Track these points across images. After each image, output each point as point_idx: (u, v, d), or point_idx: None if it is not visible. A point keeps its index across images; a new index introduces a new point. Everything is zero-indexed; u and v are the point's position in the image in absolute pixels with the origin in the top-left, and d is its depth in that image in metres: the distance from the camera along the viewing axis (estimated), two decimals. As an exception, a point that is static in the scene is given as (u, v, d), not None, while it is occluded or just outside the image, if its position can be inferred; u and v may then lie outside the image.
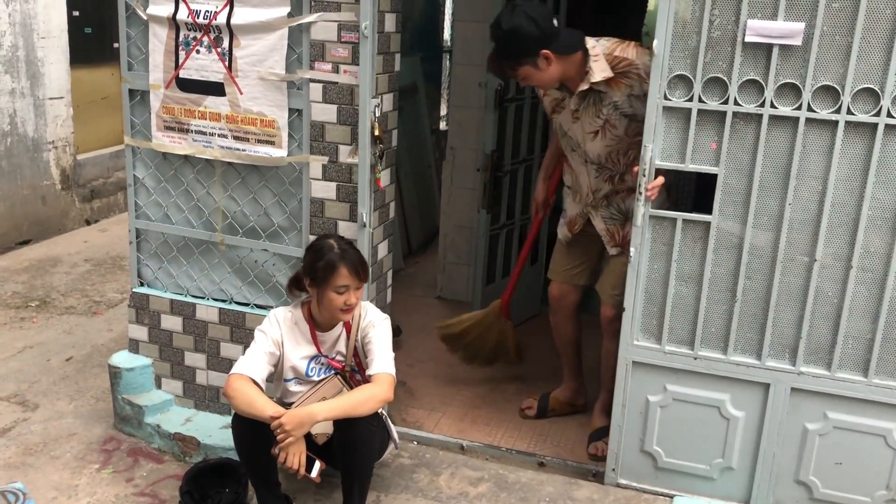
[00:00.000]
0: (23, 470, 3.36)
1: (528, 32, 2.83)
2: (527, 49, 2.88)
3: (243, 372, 2.67)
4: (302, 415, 2.53)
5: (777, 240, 2.71)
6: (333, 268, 2.67)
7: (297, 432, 2.50)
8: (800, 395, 2.80)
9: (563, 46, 2.91)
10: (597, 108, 3.05)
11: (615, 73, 2.95)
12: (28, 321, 4.86)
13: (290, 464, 2.51)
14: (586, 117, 3.09)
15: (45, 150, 6.31)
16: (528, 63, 2.91)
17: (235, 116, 3.21)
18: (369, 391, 2.66)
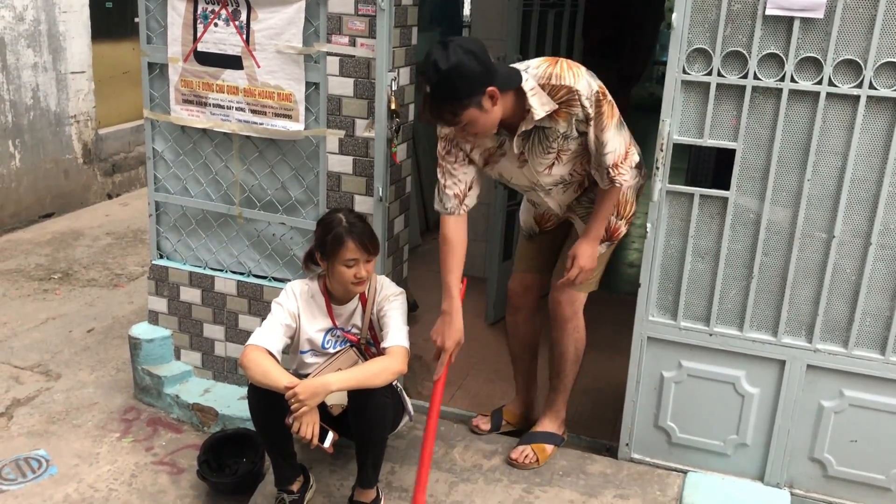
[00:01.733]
0: (46, 437, 3.43)
1: (471, 68, 2.41)
2: (471, 88, 2.43)
3: (259, 343, 2.70)
4: (316, 385, 2.56)
5: (795, 216, 2.68)
6: (341, 241, 2.69)
7: (310, 402, 2.53)
8: (816, 373, 2.78)
9: (505, 81, 2.52)
10: (544, 145, 2.68)
11: (557, 104, 2.57)
12: (51, 293, 4.93)
13: (304, 434, 2.53)
14: (535, 156, 2.72)
15: (67, 124, 6.36)
16: (472, 105, 2.45)
17: (253, 90, 3.22)
18: (383, 363, 2.68)
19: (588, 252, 2.81)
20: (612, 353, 3.66)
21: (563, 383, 3.08)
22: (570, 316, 2.97)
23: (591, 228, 2.81)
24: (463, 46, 2.42)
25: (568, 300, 2.96)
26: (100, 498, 3.06)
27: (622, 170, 2.67)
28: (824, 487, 2.88)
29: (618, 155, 2.65)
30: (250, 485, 3.00)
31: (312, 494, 2.92)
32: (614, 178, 2.67)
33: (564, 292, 2.95)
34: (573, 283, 2.84)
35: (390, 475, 2.98)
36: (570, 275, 2.82)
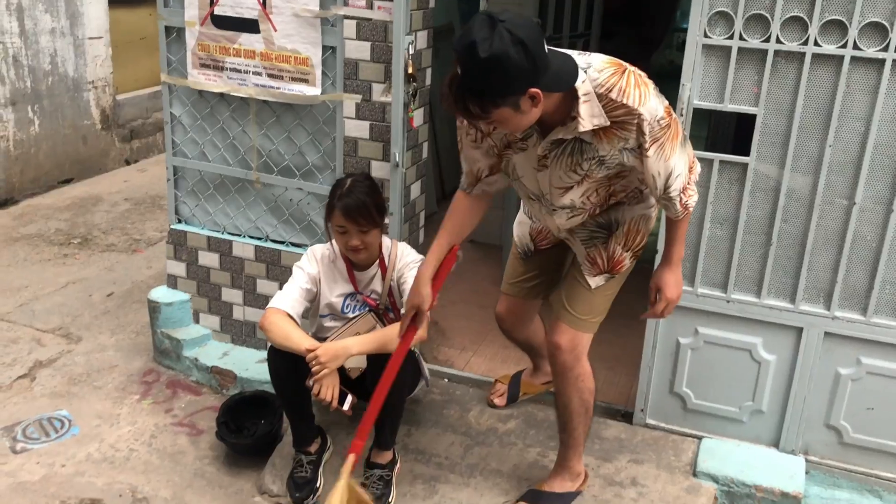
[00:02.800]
0: (67, 399, 3.48)
1: (517, 63, 1.91)
2: (511, 86, 1.97)
3: (279, 306, 2.73)
4: (336, 348, 2.58)
5: (816, 182, 2.66)
6: (331, 209, 2.74)
7: (331, 364, 2.56)
8: (833, 340, 2.77)
9: (554, 81, 2.04)
10: (574, 161, 2.25)
11: (610, 121, 2.13)
12: (70, 257, 4.98)
13: (323, 396, 2.56)
14: (558, 168, 2.29)
15: (85, 90, 6.37)
16: (507, 104, 2.00)
17: (269, 54, 3.20)
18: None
19: (673, 280, 2.46)
20: (629, 319, 3.64)
21: (573, 438, 2.69)
22: (571, 364, 2.56)
23: (672, 252, 2.45)
24: (513, 33, 1.89)
25: (569, 345, 2.54)
26: (121, 457, 3.12)
27: (690, 191, 2.31)
28: (840, 454, 2.88)
29: (686, 177, 2.28)
30: (268, 446, 3.04)
31: (330, 456, 2.96)
32: (687, 203, 2.31)
33: (563, 335, 2.54)
34: (661, 316, 2.53)
35: (406, 437, 3.01)
36: (657, 309, 2.49)
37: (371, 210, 2.71)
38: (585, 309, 2.53)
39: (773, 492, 2.75)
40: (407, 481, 2.84)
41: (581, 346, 2.57)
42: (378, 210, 2.75)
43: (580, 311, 2.53)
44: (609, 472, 2.86)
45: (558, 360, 2.57)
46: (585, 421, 2.67)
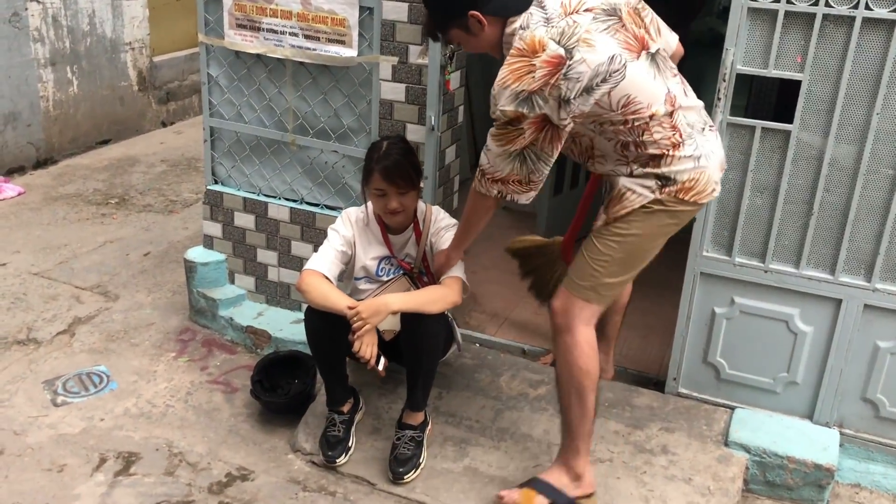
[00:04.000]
0: (105, 355, 3.55)
1: None
2: (449, 8, 2.28)
3: (315, 268, 2.75)
4: (378, 303, 2.61)
5: (861, 151, 2.60)
6: (370, 172, 2.73)
7: (372, 320, 2.58)
8: (873, 312, 2.73)
9: (500, 7, 2.24)
10: None
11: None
12: (108, 217, 5.05)
13: (363, 353, 2.59)
14: None
15: (122, 51, 6.41)
16: (456, 25, 2.29)
17: (306, 15, 3.19)
18: (441, 292, 2.72)
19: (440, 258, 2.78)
20: (663, 289, 3.62)
21: (568, 422, 2.53)
22: (561, 328, 2.46)
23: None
24: None
25: (560, 307, 2.47)
26: (157, 413, 3.18)
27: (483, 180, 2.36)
28: (875, 428, 2.85)
29: (494, 173, 2.32)
30: (302, 405, 3.08)
31: (362, 416, 2.99)
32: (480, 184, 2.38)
33: (558, 297, 2.49)
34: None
35: (437, 400, 3.03)
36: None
37: (409, 171, 2.72)
38: (577, 272, 2.46)
39: (806, 464, 2.73)
40: (438, 443, 2.87)
41: (573, 312, 2.44)
42: (415, 171, 2.76)
43: (573, 274, 2.48)
44: (640, 439, 2.86)
45: (551, 323, 2.51)
46: (579, 408, 2.48)
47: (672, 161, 2.29)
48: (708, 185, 2.34)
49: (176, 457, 2.94)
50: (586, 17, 2.18)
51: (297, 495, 2.75)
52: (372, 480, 2.76)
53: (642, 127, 2.25)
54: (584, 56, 2.13)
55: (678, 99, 2.29)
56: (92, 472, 2.84)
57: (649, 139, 2.27)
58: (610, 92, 2.18)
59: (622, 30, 2.22)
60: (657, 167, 2.30)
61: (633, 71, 2.19)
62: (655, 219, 2.35)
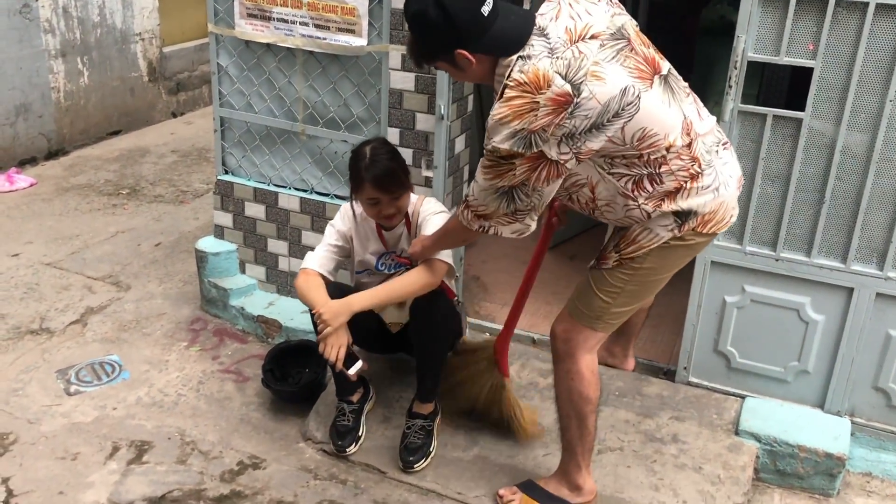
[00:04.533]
0: (118, 344, 3.58)
1: (435, 24, 2.00)
2: (435, 45, 2.07)
3: (310, 266, 2.76)
4: (339, 305, 2.57)
5: (874, 139, 2.58)
6: (359, 182, 2.64)
7: (333, 322, 2.54)
8: (885, 301, 2.72)
9: (492, 45, 2.04)
10: None
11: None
12: (119, 208, 5.07)
13: (327, 355, 2.56)
14: None
15: (132, 41, 6.42)
16: (442, 59, 2.11)
17: (317, 4, 3.19)
18: (410, 278, 2.64)
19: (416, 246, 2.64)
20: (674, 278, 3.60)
21: (567, 440, 2.50)
22: (562, 355, 2.41)
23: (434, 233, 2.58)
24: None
25: (563, 334, 2.40)
26: (169, 402, 3.20)
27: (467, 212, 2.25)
28: (887, 417, 2.84)
29: (478, 207, 2.20)
30: (312, 394, 3.10)
31: (372, 406, 3.00)
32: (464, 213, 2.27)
33: (560, 321, 2.43)
34: None
35: (448, 390, 3.03)
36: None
37: (399, 175, 2.65)
38: (582, 300, 2.37)
39: (817, 452, 2.72)
40: (448, 432, 2.88)
41: (575, 340, 2.37)
42: (405, 173, 2.69)
43: (577, 300, 2.39)
44: (650, 428, 2.86)
45: (552, 346, 2.46)
46: (578, 430, 2.45)
47: (690, 194, 2.14)
48: (726, 214, 2.22)
49: (188, 445, 2.96)
50: (593, 46, 1.99)
51: (308, 483, 2.76)
52: (382, 469, 2.78)
53: (659, 160, 2.09)
54: (594, 91, 1.95)
55: (695, 125, 2.13)
56: (105, 461, 2.86)
57: (667, 171, 2.10)
58: (624, 127, 2.01)
59: (632, 55, 2.05)
60: (674, 202, 2.14)
61: (647, 102, 2.02)
62: (672, 253, 2.25)
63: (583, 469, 2.52)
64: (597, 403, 2.44)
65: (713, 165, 2.17)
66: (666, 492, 2.62)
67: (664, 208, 2.15)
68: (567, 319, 2.40)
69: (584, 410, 2.42)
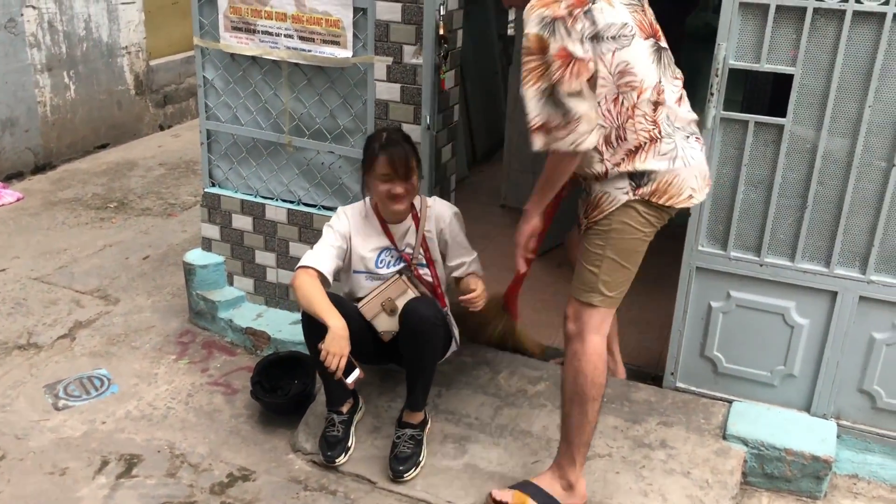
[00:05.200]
0: (106, 358, 3.57)
1: None
2: None
3: (310, 264, 2.76)
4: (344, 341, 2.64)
5: (854, 144, 2.61)
6: (374, 156, 2.75)
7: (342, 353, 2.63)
8: (868, 304, 2.74)
9: None
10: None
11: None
12: (107, 221, 5.06)
13: (329, 363, 2.61)
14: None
15: (118, 55, 6.42)
16: None
17: (301, 16, 3.20)
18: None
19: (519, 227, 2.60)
20: (660, 284, 3.63)
21: (566, 429, 2.54)
22: (572, 334, 2.50)
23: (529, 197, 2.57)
24: None
25: (573, 314, 2.50)
26: (159, 415, 3.19)
27: (533, 137, 2.31)
28: (872, 419, 2.86)
29: (533, 119, 2.28)
30: (301, 405, 3.10)
31: (362, 416, 3.00)
32: (531, 139, 2.31)
33: (569, 304, 2.52)
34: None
35: (437, 398, 3.05)
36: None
37: (412, 155, 2.79)
38: (578, 279, 2.50)
39: (804, 455, 2.74)
40: (437, 441, 2.88)
41: (583, 319, 2.47)
42: (417, 157, 2.82)
43: (577, 282, 2.51)
44: (638, 433, 2.87)
45: (564, 328, 2.54)
46: (579, 415, 2.49)
47: (647, 157, 2.33)
48: (683, 190, 2.37)
49: (177, 458, 2.95)
50: None
51: (299, 495, 2.76)
52: (372, 479, 2.78)
53: (627, 113, 2.31)
54: (603, 8, 2.26)
55: (665, 95, 2.35)
56: (94, 475, 2.86)
57: (630, 128, 2.32)
58: (614, 52, 2.27)
59: (640, 13, 2.37)
60: (631, 163, 2.34)
61: (637, 45, 2.30)
62: (634, 216, 2.40)
63: (577, 465, 2.55)
64: (601, 392, 2.50)
65: (673, 138, 2.36)
66: (655, 497, 2.63)
67: (621, 168, 2.35)
68: (572, 302, 2.52)
69: (588, 394, 2.46)
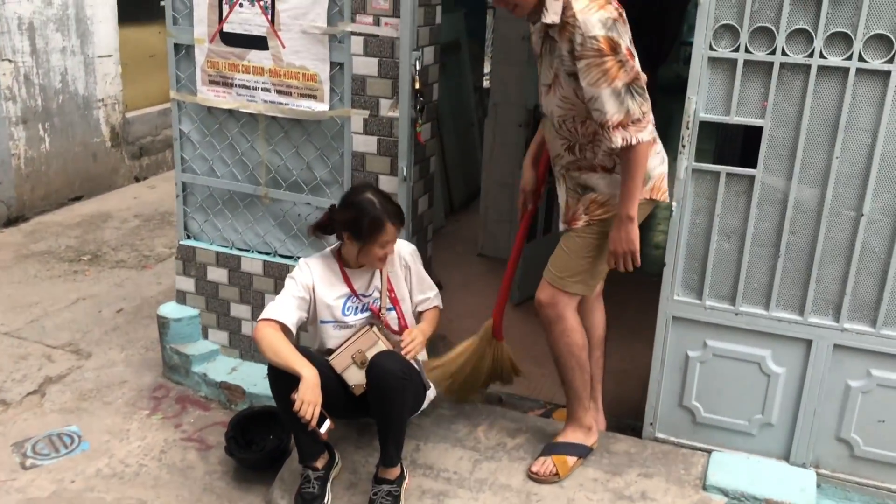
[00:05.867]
0: (77, 414, 3.50)
1: None
2: None
3: (272, 317, 2.72)
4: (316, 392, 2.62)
5: (823, 194, 2.65)
6: (380, 226, 2.69)
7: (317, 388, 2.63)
8: (843, 352, 2.76)
9: None
10: (551, 57, 2.62)
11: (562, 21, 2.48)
12: (81, 274, 5.01)
13: (303, 413, 2.57)
14: (544, 64, 2.69)
15: (95, 107, 6.43)
16: None
17: (278, 70, 3.23)
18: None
19: (615, 236, 2.61)
20: (638, 333, 3.65)
21: (572, 390, 2.90)
22: (553, 318, 2.79)
23: (619, 208, 2.60)
24: None
25: (548, 300, 2.78)
26: (130, 472, 3.12)
27: (614, 134, 2.47)
28: (851, 467, 2.86)
29: (609, 118, 2.45)
30: (277, 461, 3.04)
31: (338, 471, 2.95)
32: (627, 138, 2.46)
33: (543, 290, 2.79)
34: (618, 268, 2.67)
35: (415, 452, 3.00)
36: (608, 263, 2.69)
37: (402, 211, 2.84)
38: (559, 266, 2.77)
39: (784, 505, 2.73)
40: (416, 496, 2.83)
41: (561, 304, 2.77)
42: None
43: (555, 268, 2.78)
44: (619, 486, 2.85)
45: (541, 314, 2.82)
46: (581, 375, 2.86)
47: (650, 154, 2.58)
48: (665, 184, 2.73)
49: (149, 518, 2.88)
50: None
51: (274, 554, 2.70)
52: (349, 536, 2.72)
53: None
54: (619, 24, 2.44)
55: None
56: (62, 537, 2.78)
57: None
58: None
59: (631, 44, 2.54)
60: None
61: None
62: None
63: (586, 408, 2.92)
64: (587, 346, 2.87)
65: (658, 142, 2.69)
66: (636, 551, 2.59)
67: None
68: (549, 289, 2.78)
69: (582, 356, 2.85)
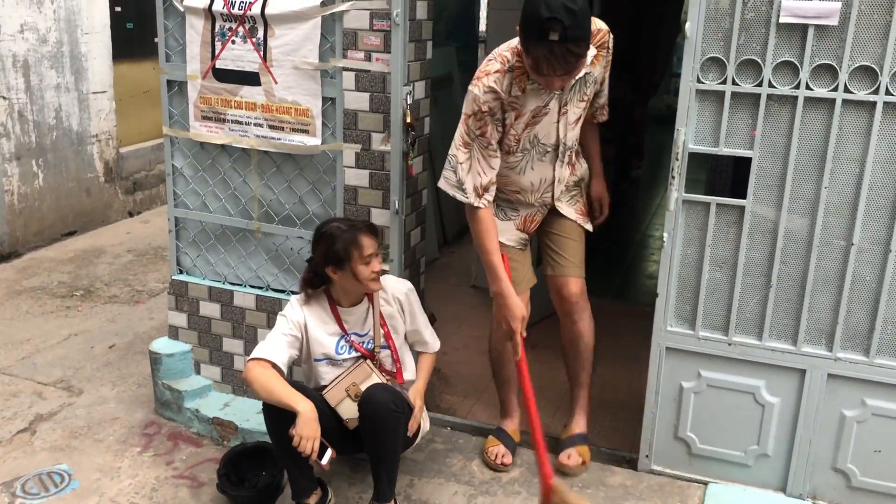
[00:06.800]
0: (68, 452, 3.46)
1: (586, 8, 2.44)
2: (589, 25, 2.48)
3: (262, 356, 2.71)
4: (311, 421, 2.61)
5: (813, 223, 2.67)
6: (355, 241, 2.73)
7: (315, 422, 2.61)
8: (837, 382, 2.76)
9: None
10: (581, 92, 2.78)
11: (595, 47, 2.67)
12: (73, 310, 4.99)
13: (302, 448, 2.56)
14: (573, 106, 2.79)
15: (88, 143, 6.45)
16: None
17: (270, 106, 3.25)
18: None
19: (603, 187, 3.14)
20: (631, 364, 3.65)
21: (589, 378, 3.15)
22: (584, 306, 3.05)
23: (598, 167, 3.11)
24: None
25: (580, 292, 3.03)
26: (121, 512, 3.08)
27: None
28: (848, 498, 2.84)
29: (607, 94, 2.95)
30: (270, 498, 3.01)
31: (331, 507, 2.92)
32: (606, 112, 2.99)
33: (576, 284, 3.01)
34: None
35: (409, 488, 2.98)
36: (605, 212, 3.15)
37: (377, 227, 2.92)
38: (580, 258, 3.03)
39: (782, 538, 2.71)
40: (410, 532, 2.81)
41: (586, 293, 3.06)
42: None
43: (577, 260, 3.02)
44: (615, 519, 2.82)
45: (578, 305, 3.01)
46: (594, 360, 3.14)
47: None
48: None
49: (139, 558, 2.84)
50: None
51: None
52: (343, 574, 2.69)
53: None
54: None
55: None
56: (51, 578, 2.73)
57: None
58: None
59: None
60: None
61: None
62: None
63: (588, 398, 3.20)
64: None
65: None
66: (633, 586, 2.56)
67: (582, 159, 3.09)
68: (578, 281, 3.01)
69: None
